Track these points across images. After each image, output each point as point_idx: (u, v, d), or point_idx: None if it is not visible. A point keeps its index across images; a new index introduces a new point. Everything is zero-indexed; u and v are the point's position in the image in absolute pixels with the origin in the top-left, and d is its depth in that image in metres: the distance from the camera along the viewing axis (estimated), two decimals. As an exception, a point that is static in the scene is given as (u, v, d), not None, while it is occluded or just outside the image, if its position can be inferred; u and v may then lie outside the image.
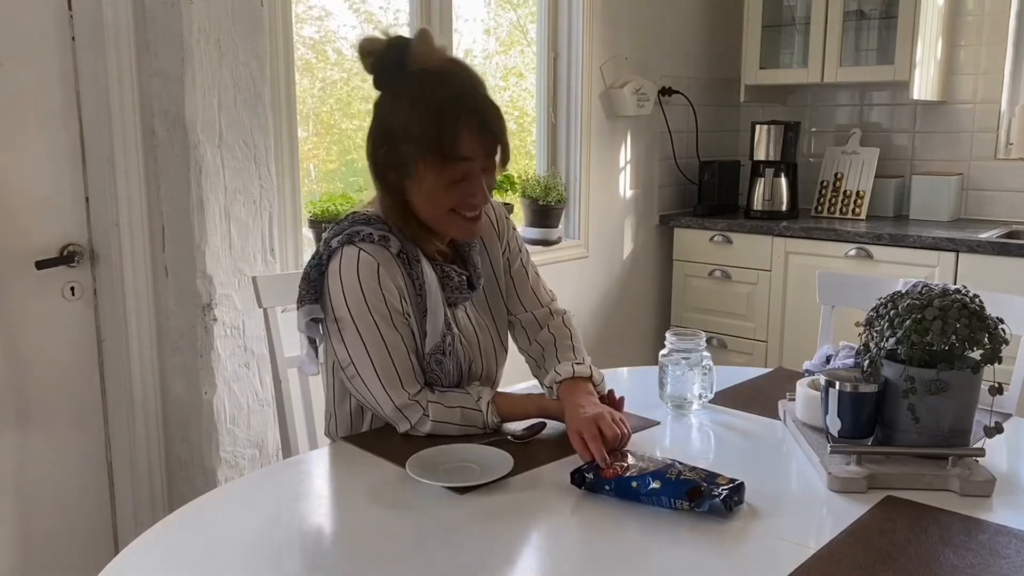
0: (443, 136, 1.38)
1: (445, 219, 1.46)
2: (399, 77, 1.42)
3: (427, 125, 1.38)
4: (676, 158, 3.73)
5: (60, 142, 2.04)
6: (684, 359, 1.58)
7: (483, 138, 1.41)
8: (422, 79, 1.41)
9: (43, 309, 2.05)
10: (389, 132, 1.43)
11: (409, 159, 1.41)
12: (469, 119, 1.39)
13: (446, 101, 1.39)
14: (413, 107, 1.40)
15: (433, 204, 1.44)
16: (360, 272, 1.42)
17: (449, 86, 1.41)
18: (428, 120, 1.38)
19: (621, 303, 3.62)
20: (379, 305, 1.43)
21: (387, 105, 1.44)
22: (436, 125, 1.38)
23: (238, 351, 2.18)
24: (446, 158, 1.39)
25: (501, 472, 1.27)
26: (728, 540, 1.13)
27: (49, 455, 2.10)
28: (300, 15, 2.57)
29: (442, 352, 1.49)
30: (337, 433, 1.60)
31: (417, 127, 1.39)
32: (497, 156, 1.44)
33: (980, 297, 1.33)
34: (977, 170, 3.48)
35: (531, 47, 3.31)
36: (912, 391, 1.29)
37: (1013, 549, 1.08)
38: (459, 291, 1.54)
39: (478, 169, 1.42)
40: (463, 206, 1.45)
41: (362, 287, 1.42)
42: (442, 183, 1.41)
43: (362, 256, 1.43)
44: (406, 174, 1.43)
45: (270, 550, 1.11)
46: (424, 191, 1.43)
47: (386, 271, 1.43)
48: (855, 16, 3.47)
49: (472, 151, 1.40)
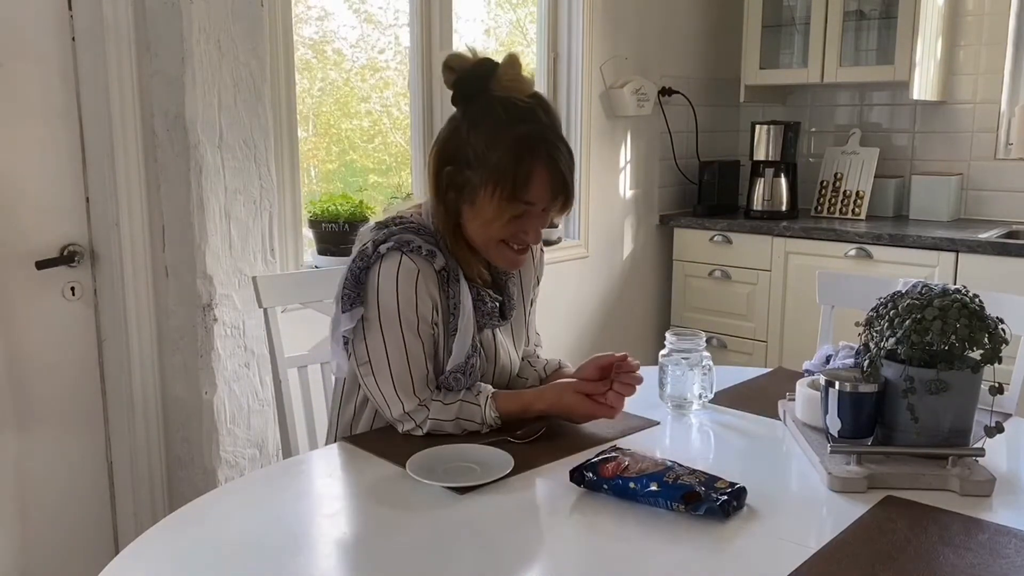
0: (517, 175, 1.39)
1: (493, 248, 1.48)
2: (481, 101, 1.42)
3: (503, 159, 1.39)
4: (676, 158, 3.73)
5: (60, 142, 2.04)
6: (684, 359, 1.58)
7: (554, 184, 1.42)
8: (506, 109, 1.41)
9: (43, 309, 2.05)
10: (461, 154, 1.43)
11: (476, 186, 1.42)
12: (545, 163, 1.40)
13: (527, 140, 1.40)
14: (492, 137, 1.40)
15: (486, 233, 1.46)
16: (399, 277, 1.42)
17: (532, 123, 1.41)
18: (505, 155, 1.39)
19: (621, 303, 3.62)
20: (409, 312, 1.43)
21: (464, 127, 1.44)
22: (512, 163, 1.39)
23: (238, 351, 2.18)
24: (514, 198, 1.40)
25: (501, 472, 1.27)
26: (728, 540, 1.13)
27: (49, 455, 2.10)
28: (300, 15, 2.57)
29: (463, 372, 1.49)
30: (338, 433, 1.60)
31: (493, 158, 1.39)
32: (560, 201, 1.44)
33: (980, 297, 1.33)
34: (977, 170, 3.48)
35: (531, 47, 3.31)
36: (912, 391, 1.29)
37: (1013, 549, 1.08)
38: (490, 317, 1.55)
39: (539, 210, 1.44)
40: (515, 239, 1.47)
41: (398, 292, 1.42)
42: (502, 218, 1.42)
43: (404, 262, 1.43)
44: (468, 199, 1.44)
45: (270, 550, 1.11)
46: (481, 219, 1.44)
47: (424, 281, 1.43)
48: (855, 16, 3.47)
49: (540, 196, 1.42)
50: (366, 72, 2.90)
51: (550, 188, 1.41)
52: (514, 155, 1.38)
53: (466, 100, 1.45)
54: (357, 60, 2.86)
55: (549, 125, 1.44)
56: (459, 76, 1.44)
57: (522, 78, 1.44)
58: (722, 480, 1.20)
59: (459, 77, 1.44)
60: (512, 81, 1.42)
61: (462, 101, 1.45)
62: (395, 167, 3.02)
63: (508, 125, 1.40)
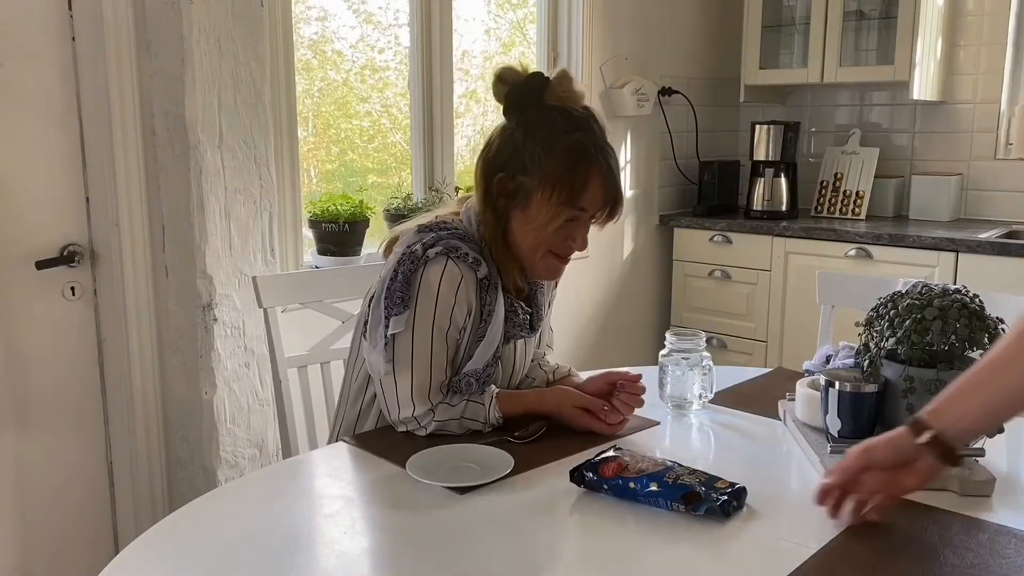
0: (575, 179, 1.41)
1: (538, 256, 1.49)
2: (536, 111, 1.45)
3: (561, 164, 1.41)
4: (676, 158, 3.73)
5: (60, 142, 2.04)
6: (684, 359, 1.58)
7: (607, 191, 1.45)
8: (563, 117, 1.44)
9: (43, 309, 2.05)
10: (515, 161, 1.45)
11: (531, 190, 1.43)
12: (602, 169, 1.44)
13: (584, 146, 1.43)
14: (549, 143, 1.42)
15: (536, 239, 1.47)
16: (443, 281, 1.43)
17: (588, 131, 1.45)
18: (563, 160, 1.42)
19: (621, 303, 3.62)
20: (443, 318, 1.44)
21: (519, 135, 1.45)
22: (571, 166, 1.42)
23: (238, 351, 2.18)
24: (570, 203, 1.42)
25: (501, 472, 1.27)
26: (728, 540, 1.13)
27: (49, 455, 2.10)
28: (300, 15, 2.57)
29: (476, 377, 1.48)
30: (340, 432, 1.60)
31: (551, 163, 1.42)
32: (609, 208, 1.47)
33: (980, 297, 1.33)
34: (977, 170, 3.48)
35: (531, 48, 3.31)
36: (912, 391, 1.29)
37: (1013, 549, 1.08)
38: (520, 328, 1.56)
39: (588, 219, 1.47)
40: (561, 247, 1.48)
41: (437, 296, 1.43)
42: (555, 223, 1.44)
43: (450, 267, 1.43)
44: (521, 204, 1.45)
45: (270, 550, 1.11)
46: (532, 224, 1.45)
47: (465, 287, 1.44)
48: (855, 16, 3.47)
49: (594, 201, 1.44)
50: (366, 72, 2.90)
51: (604, 194, 1.44)
52: (572, 160, 1.42)
53: (519, 110, 1.47)
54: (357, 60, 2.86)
55: (602, 133, 1.47)
56: (512, 88, 1.46)
57: (574, 91, 1.47)
58: (722, 480, 1.20)
59: (512, 89, 1.46)
60: (566, 92, 1.46)
61: (515, 111, 1.47)
62: (395, 167, 3.02)
63: (565, 132, 1.43)
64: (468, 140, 3.19)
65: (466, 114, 3.16)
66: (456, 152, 2.92)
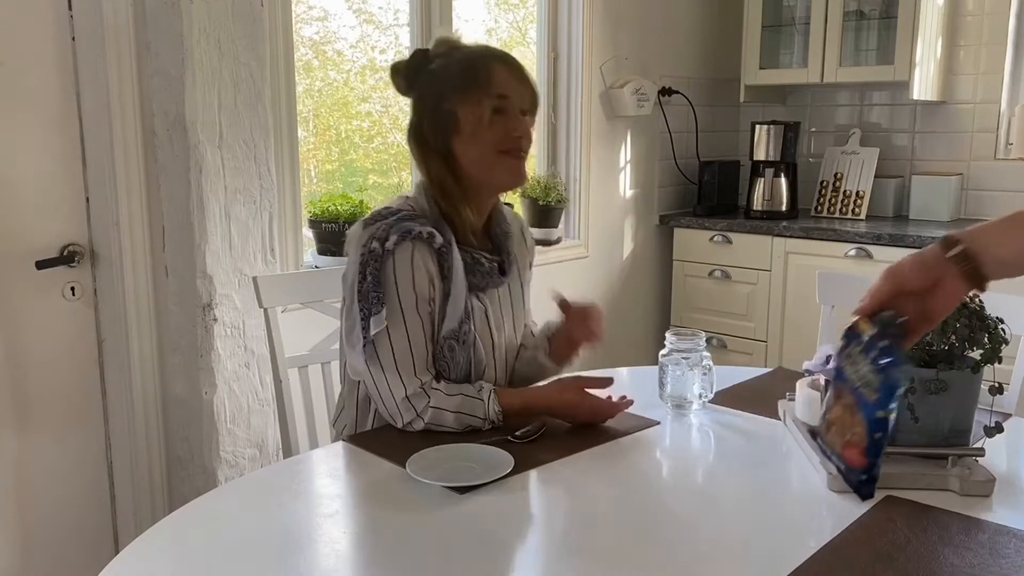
0: (479, 74, 1.49)
1: (494, 163, 1.51)
2: (427, 70, 1.53)
3: (461, 72, 1.50)
4: (676, 158, 3.73)
5: (60, 142, 2.04)
6: (684, 359, 1.58)
7: (513, 73, 1.51)
8: (447, 55, 1.54)
9: (43, 309, 2.05)
10: (429, 104, 1.53)
11: (452, 112, 1.50)
12: (497, 56, 1.53)
13: (475, 52, 1.54)
14: (445, 69, 1.51)
15: (480, 147, 1.50)
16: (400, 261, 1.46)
17: (473, 47, 1.57)
18: (462, 68, 1.50)
19: (621, 303, 3.62)
20: (408, 295, 1.46)
21: (422, 91, 1.54)
22: (470, 68, 1.50)
23: (238, 351, 2.18)
24: (486, 90, 1.48)
25: (501, 472, 1.27)
26: (728, 540, 1.13)
27: (49, 455, 2.10)
28: (300, 15, 2.57)
29: (456, 339, 1.50)
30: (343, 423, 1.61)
31: (454, 79, 1.50)
32: (527, 94, 1.52)
33: (980, 297, 1.33)
34: (977, 170, 3.47)
35: (531, 48, 3.31)
36: (912, 391, 1.29)
37: (1013, 549, 1.08)
38: (489, 276, 1.57)
39: (517, 109, 1.50)
40: (508, 142, 1.50)
41: (398, 277, 1.46)
42: (484, 117, 1.48)
43: (399, 249, 1.46)
44: (452, 129, 1.51)
45: (270, 550, 1.11)
46: (469, 133, 1.50)
47: (422, 259, 1.47)
48: (855, 16, 3.47)
49: (506, 86, 1.49)
50: (366, 72, 2.90)
51: (513, 78, 1.51)
52: (469, 63, 1.51)
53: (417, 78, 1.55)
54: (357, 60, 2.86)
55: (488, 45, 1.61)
56: (402, 70, 1.56)
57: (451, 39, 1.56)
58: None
59: (402, 71, 1.56)
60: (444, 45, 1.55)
61: (412, 87, 1.56)
62: (395, 167, 3.02)
63: (456, 55, 1.53)
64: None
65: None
66: (456, 152, 2.92)
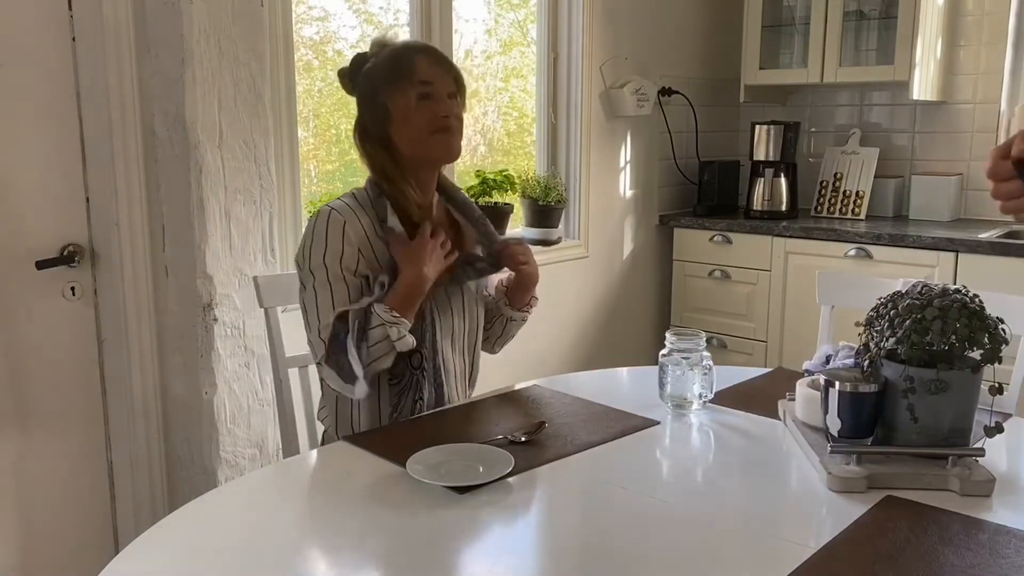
0: (403, 65, 1.62)
1: (427, 142, 1.63)
2: (363, 70, 1.67)
3: (389, 66, 1.63)
4: (676, 158, 3.73)
5: (60, 142, 2.04)
6: (684, 359, 1.58)
7: (438, 66, 1.64)
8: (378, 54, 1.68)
9: (43, 309, 2.05)
10: (367, 99, 1.66)
11: (385, 104, 1.63)
12: (421, 51, 1.67)
13: (399, 48, 1.67)
14: (376, 67, 1.65)
15: (412, 130, 1.62)
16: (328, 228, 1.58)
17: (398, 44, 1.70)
18: (388, 63, 1.64)
19: (621, 303, 3.62)
20: (334, 262, 1.57)
21: (361, 89, 1.68)
22: (395, 61, 1.64)
23: (238, 351, 2.18)
24: (410, 79, 1.61)
25: (501, 472, 1.27)
26: (728, 540, 1.13)
27: (49, 455, 2.10)
28: (300, 16, 2.57)
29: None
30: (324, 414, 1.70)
31: (384, 73, 1.63)
32: (451, 79, 1.65)
33: (980, 297, 1.33)
34: (977, 170, 3.47)
35: (531, 47, 3.31)
36: (912, 391, 1.29)
37: (1013, 549, 1.08)
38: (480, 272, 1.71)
39: (442, 93, 1.63)
40: (436, 122, 1.62)
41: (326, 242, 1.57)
42: (411, 104, 1.61)
43: (332, 215, 1.59)
44: (386, 118, 1.63)
45: (270, 550, 1.11)
46: (401, 119, 1.62)
47: (352, 230, 1.58)
48: (855, 16, 3.47)
49: (431, 75, 1.62)
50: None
51: (436, 66, 1.64)
52: (394, 58, 1.64)
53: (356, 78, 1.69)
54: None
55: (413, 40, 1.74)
56: (346, 72, 1.70)
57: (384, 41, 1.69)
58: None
59: (346, 73, 1.70)
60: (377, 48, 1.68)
61: (353, 87, 1.69)
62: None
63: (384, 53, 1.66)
64: (468, 140, 3.19)
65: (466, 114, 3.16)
66: (456, 152, 2.92)
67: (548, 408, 1.61)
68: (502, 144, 3.36)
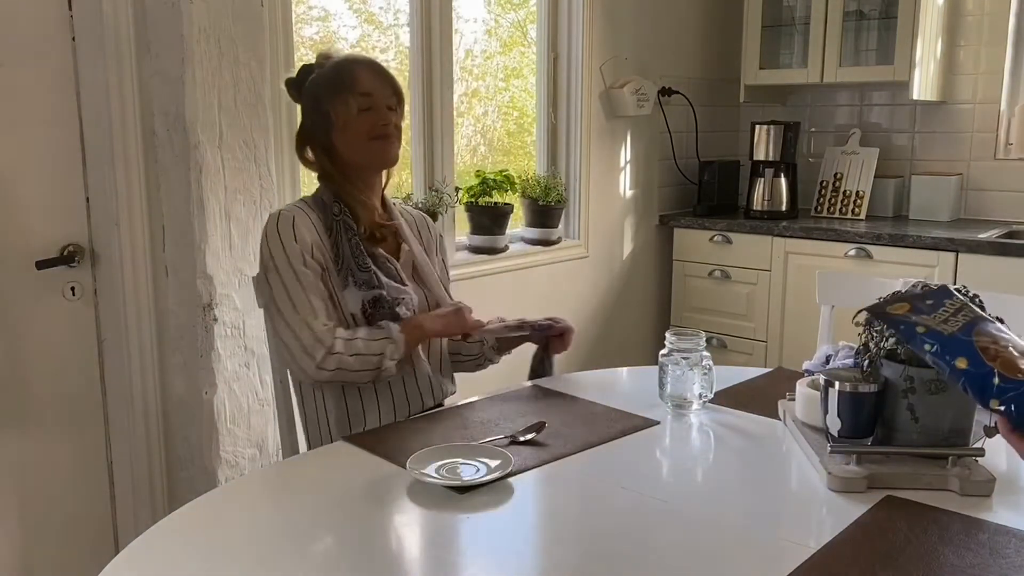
0: (343, 77, 1.69)
1: (366, 148, 1.70)
2: (308, 80, 1.74)
3: (330, 77, 1.70)
4: (676, 158, 3.74)
5: (60, 142, 2.04)
6: (684, 359, 1.58)
7: (378, 79, 1.70)
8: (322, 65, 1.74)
9: (43, 309, 2.05)
10: (311, 107, 1.73)
11: (327, 113, 1.69)
12: (363, 64, 1.72)
13: (342, 60, 1.74)
14: (320, 77, 1.71)
15: (352, 137, 1.69)
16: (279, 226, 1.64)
17: (342, 56, 1.76)
18: (330, 75, 1.70)
19: (621, 303, 3.62)
20: (295, 252, 1.62)
21: (306, 98, 1.74)
22: (337, 73, 1.70)
23: (238, 351, 2.18)
24: (351, 90, 1.67)
25: (501, 472, 1.27)
26: (728, 540, 1.13)
27: (49, 455, 2.10)
28: (300, 16, 2.57)
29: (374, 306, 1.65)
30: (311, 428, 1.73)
31: (327, 84, 1.69)
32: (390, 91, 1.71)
33: (980, 297, 1.33)
34: (977, 170, 3.48)
35: (531, 47, 3.31)
36: (912, 391, 1.29)
37: (1013, 549, 1.08)
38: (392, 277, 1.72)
39: (382, 105, 1.69)
40: (376, 130, 1.69)
41: (280, 239, 1.63)
42: (351, 113, 1.67)
43: (282, 215, 1.66)
44: (329, 125, 1.69)
45: (270, 550, 1.11)
46: (342, 127, 1.69)
47: (303, 225, 1.65)
48: (855, 16, 3.47)
49: (370, 85, 1.69)
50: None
51: (376, 78, 1.70)
52: (335, 70, 1.70)
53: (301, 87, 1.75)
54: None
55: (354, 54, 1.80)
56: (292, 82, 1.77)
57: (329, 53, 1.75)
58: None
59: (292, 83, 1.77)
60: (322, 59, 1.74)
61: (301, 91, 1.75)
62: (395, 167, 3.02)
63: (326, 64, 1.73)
64: (468, 140, 3.20)
65: (467, 114, 3.17)
66: (456, 152, 2.92)
67: (548, 408, 1.61)
68: (502, 144, 3.36)
